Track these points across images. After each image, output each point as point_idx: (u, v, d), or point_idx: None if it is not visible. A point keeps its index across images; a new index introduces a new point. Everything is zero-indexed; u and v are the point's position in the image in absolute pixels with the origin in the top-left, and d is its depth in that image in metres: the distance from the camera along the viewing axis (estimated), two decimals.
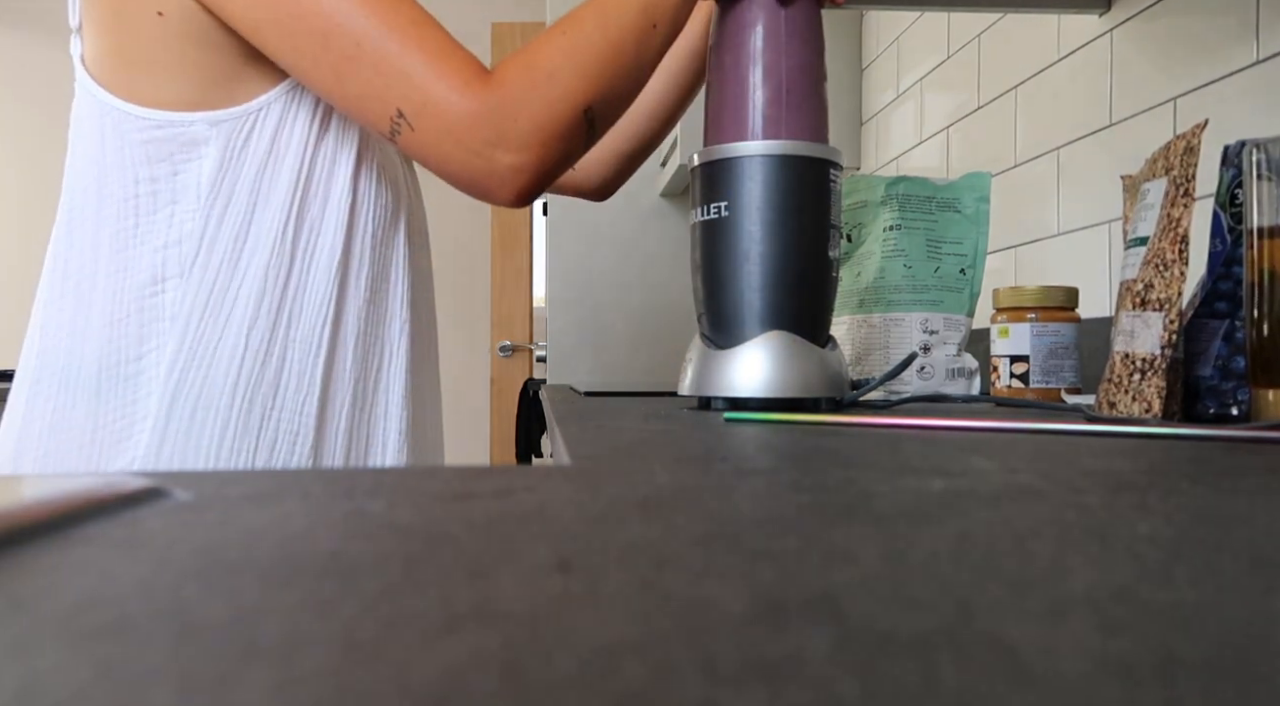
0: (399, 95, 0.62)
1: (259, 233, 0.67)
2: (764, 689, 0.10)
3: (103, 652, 0.12)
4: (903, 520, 0.22)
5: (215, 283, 0.66)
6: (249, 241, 0.67)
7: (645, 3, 0.69)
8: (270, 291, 0.67)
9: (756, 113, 0.69)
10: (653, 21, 0.69)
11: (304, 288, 0.69)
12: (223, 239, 0.67)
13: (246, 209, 0.67)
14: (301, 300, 0.69)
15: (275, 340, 0.68)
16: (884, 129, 1.92)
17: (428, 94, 0.63)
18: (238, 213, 0.67)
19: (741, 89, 0.70)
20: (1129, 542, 0.19)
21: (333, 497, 0.25)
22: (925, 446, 0.41)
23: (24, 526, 0.20)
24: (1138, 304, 0.62)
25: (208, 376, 0.66)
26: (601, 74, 0.67)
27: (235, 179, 0.67)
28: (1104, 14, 1.15)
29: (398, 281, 0.77)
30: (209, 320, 0.66)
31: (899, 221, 0.97)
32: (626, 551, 0.18)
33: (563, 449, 0.46)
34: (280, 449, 0.68)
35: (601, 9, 0.69)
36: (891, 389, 0.92)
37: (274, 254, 0.67)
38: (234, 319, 0.67)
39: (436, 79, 0.63)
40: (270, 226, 0.67)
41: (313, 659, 0.12)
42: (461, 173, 0.65)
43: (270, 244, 0.67)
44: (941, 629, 0.13)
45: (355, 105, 0.63)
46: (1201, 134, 0.62)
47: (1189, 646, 0.12)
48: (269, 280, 0.67)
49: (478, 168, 0.64)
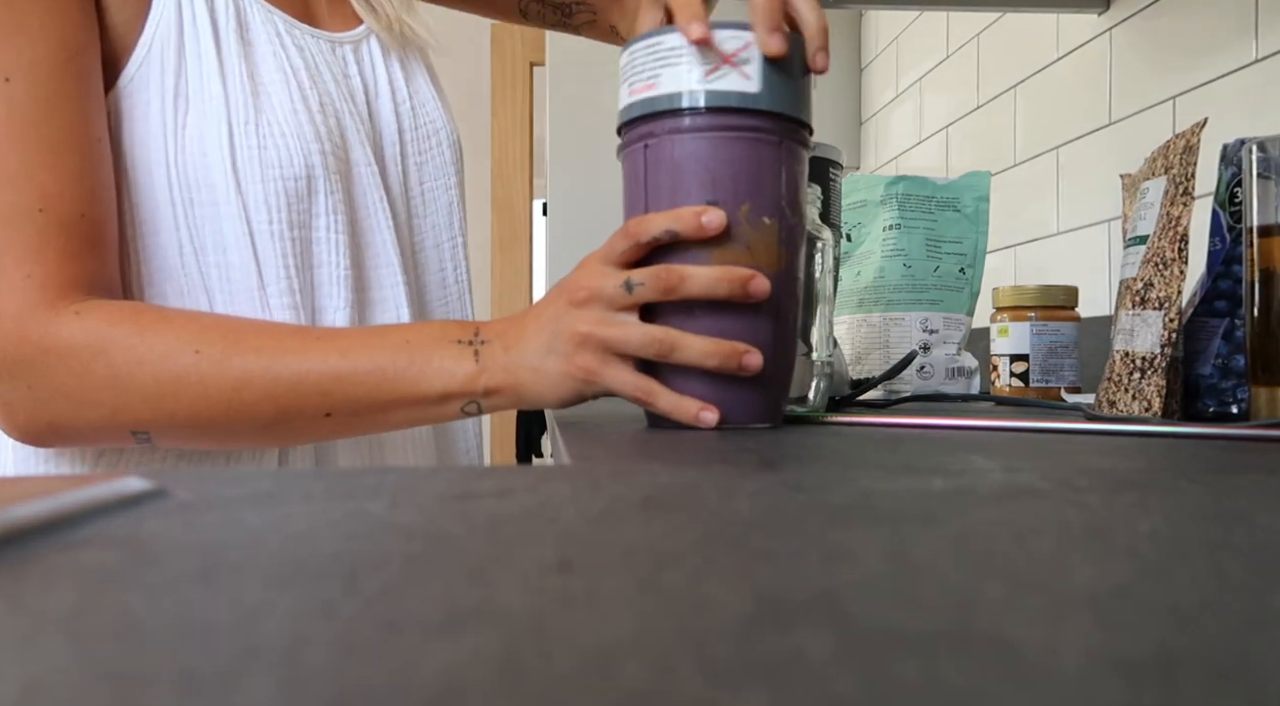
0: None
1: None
2: (764, 689, 0.10)
3: (103, 653, 0.12)
4: (903, 520, 0.22)
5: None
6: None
7: (331, 382, 0.53)
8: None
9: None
10: (326, 411, 0.54)
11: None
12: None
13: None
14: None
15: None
16: (883, 128, 1.92)
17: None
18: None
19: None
20: (1129, 542, 0.19)
21: (333, 498, 0.25)
22: (925, 446, 0.41)
23: (24, 526, 0.20)
24: (1137, 303, 0.62)
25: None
26: (192, 422, 0.54)
27: None
28: (1103, 13, 1.15)
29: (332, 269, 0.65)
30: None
31: (899, 221, 0.97)
32: (626, 551, 0.18)
33: (563, 449, 0.46)
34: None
35: (266, 352, 0.54)
36: (891, 388, 0.92)
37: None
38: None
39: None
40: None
41: (313, 659, 0.12)
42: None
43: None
44: (942, 628, 0.13)
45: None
46: (1201, 133, 0.62)
47: (1189, 646, 0.12)
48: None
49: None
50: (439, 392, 0.54)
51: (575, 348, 0.52)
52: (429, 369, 0.53)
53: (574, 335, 0.52)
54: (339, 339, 0.55)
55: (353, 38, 0.70)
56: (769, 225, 0.51)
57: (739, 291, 0.50)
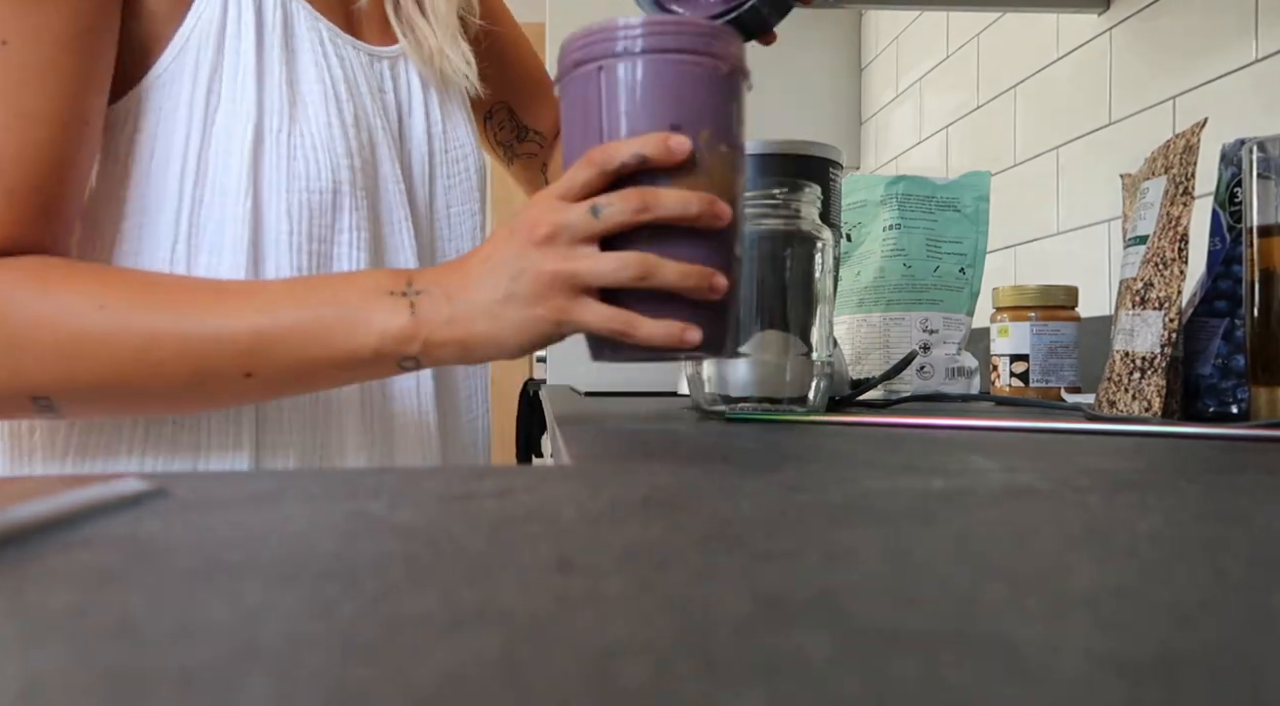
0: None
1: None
2: (764, 689, 0.10)
3: (103, 653, 0.12)
4: (903, 520, 0.22)
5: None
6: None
7: (250, 340, 0.50)
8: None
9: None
10: (245, 371, 0.51)
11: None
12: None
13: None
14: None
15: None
16: (883, 128, 1.92)
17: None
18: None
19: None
20: (1129, 542, 0.19)
21: (334, 498, 0.25)
22: (925, 445, 0.41)
23: (24, 526, 0.20)
24: (1137, 303, 0.62)
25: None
26: (97, 386, 0.51)
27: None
28: (1103, 13, 1.15)
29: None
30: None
31: (899, 221, 0.97)
32: (626, 551, 0.18)
33: (563, 449, 0.46)
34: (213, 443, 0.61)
35: (178, 308, 0.51)
36: (891, 388, 0.92)
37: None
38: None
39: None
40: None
41: (314, 659, 0.12)
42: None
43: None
44: (942, 628, 0.13)
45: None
46: (1200, 133, 0.62)
47: (1189, 645, 0.12)
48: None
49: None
50: (372, 351, 0.50)
51: (544, 289, 0.48)
52: (358, 324, 0.50)
53: (539, 275, 0.48)
54: (260, 293, 0.52)
55: (390, 54, 0.69)
56: (726, 153, 0.50)
57: (709, 211, 0.48)
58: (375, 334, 0.50)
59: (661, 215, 0.48)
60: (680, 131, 0.49)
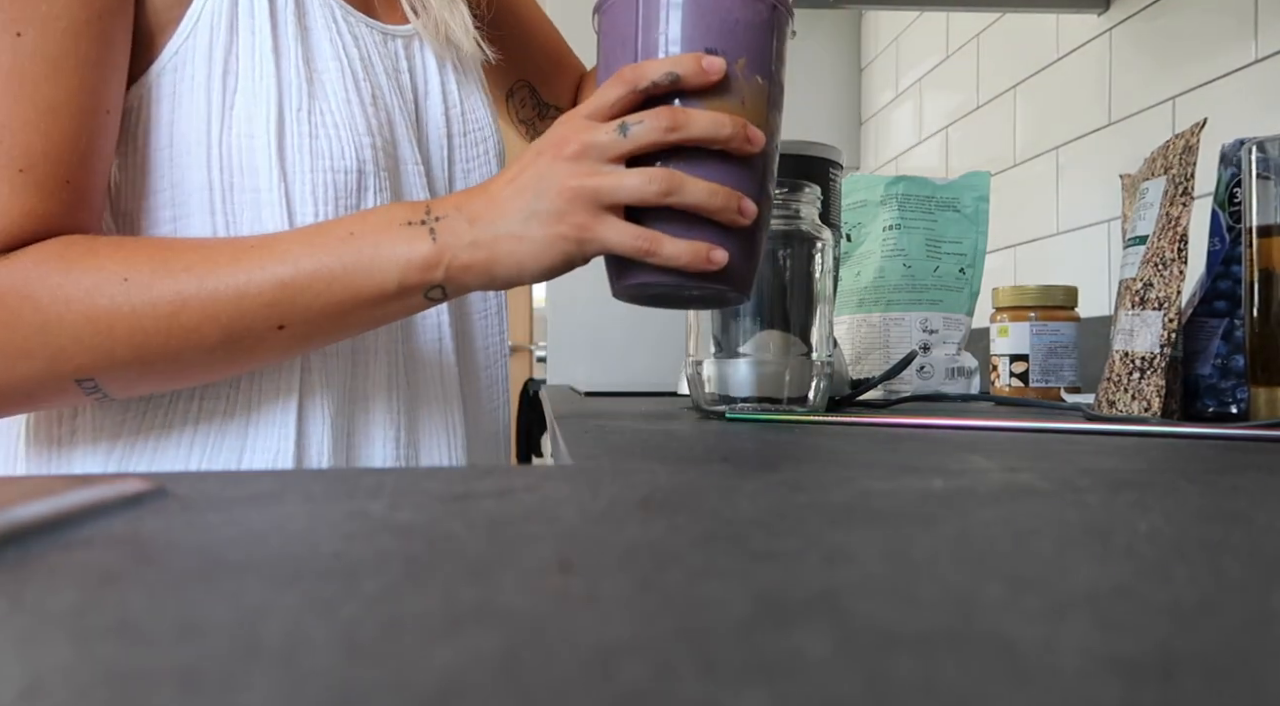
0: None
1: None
2: (764, 689, 0.10)
3: (104, 653, 0.12)
4: (903, 520, 0.22)
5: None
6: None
7: (274, 291, 0.50)
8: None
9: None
10: (277, 323, 0.50)
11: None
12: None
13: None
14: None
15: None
16: (883, 128, 1.92)
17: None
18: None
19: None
20: (1129, 542, 0.19)
21: (334, 498, 0.25)
22: (925, 445, 0.41)
23: (25, 526, 0.20)
24: (1137, 303, 0.62)
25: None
26: (135, 359, 0.50)
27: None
28: (1103, 13, 1.15)
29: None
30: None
31: (898, 221, 0.97)
32: (627, 551, 0.18)
33: (563, 449, 0.46)
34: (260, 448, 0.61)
35: (198, 270, 0.50)
36: (891, 388, 0.92)
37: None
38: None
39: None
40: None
41: (314, 659, 0.12)
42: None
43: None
44: (942, 628, 0.13)
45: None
46: (1200, 133, 0.62)
47: (1189, 645, 0.12)
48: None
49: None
50: (396, 284, 0.50)
51: (565, 205, 0.47)
52: (380, 259, 0.49)
53: (562, 191, 0.47)
54: (277, 244, 0.51)
55: (404, 32, 0.67)
56: (761, 85, 0.50)
57: (740, 135, 0.47)
58: (398, 265, 0.49)
59: (693, 134, 0.47)
60: (716, 55, 0.48)
